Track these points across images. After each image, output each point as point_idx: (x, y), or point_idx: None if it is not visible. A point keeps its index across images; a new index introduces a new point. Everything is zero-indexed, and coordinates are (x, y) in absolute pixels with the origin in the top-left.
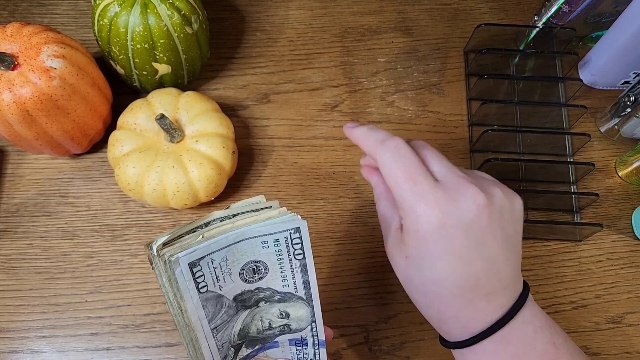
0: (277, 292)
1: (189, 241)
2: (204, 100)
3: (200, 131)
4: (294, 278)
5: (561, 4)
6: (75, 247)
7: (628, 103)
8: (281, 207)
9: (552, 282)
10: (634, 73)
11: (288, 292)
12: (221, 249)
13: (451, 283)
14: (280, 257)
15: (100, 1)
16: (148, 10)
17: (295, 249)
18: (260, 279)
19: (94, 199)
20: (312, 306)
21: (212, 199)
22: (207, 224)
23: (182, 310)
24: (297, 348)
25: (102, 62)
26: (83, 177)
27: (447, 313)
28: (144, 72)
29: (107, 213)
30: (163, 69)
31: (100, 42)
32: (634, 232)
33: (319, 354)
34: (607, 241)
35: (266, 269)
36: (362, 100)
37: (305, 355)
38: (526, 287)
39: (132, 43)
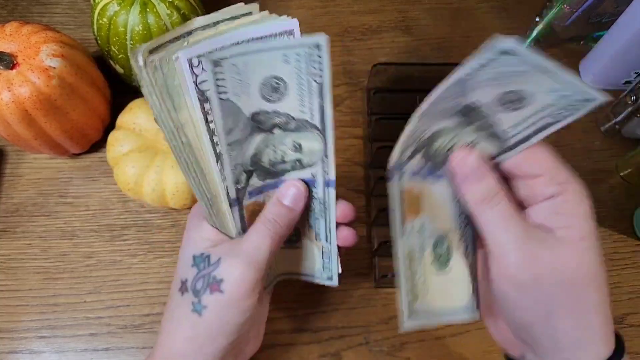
0: (293, 118)
1: (178, 46)
2: None
3: None
4: (310, 102)
5: (561, 5)
6: (74, 247)
7: (629, 103)
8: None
9: None
10: (635, 73)
11: (303, 119)
12: (238, 54)
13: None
14: (299, 75)
15: (99, 0)
16: (147, 10)
17: (315, 68)
18: (279, 99)
19: (93, 199)
20: (324, 137)
21: None
22: (189, 33)
23: (178, 129)
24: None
25: (102, 61)
26: (82, 177)
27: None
28: None
29: (106, 213)
30: None
31: (99, 42)
32: (635, 232)
33: (328, 194)
34: (608, 241)
35: (285, 89)
36: (362, 100)
37: (314, 195)
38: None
39: (132, 42)
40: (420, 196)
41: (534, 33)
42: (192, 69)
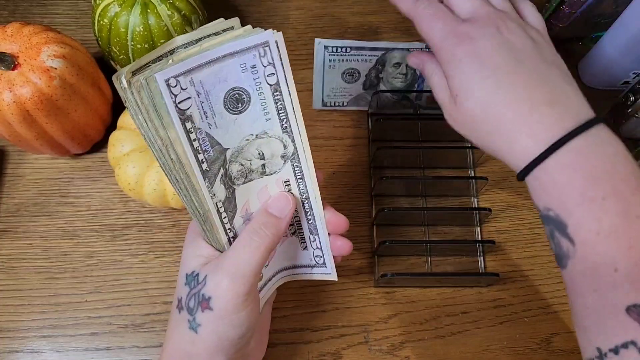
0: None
1: (161, 65)
2: None
3: None
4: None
5: (559, 5)
6: (75, 247)
7: (628, 103)
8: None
9: (552, 282)
10: (633, 73)
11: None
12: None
13: (504, 94)
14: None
15: (100, 1)
16: (148, 10)
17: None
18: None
19: (94, 199)
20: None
21: None
22: (171, 52)
23: (167, 146)
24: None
25: (103, 62)
26: (83, 177)
27: (514, 126)
28: None
29: (107, 213)
30: None
31: (100, 42)
32: None
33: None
34: None
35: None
36: None
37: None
38: (600, 119)
39: (133, 43)
40: None
41: None
42: (170, 89)
